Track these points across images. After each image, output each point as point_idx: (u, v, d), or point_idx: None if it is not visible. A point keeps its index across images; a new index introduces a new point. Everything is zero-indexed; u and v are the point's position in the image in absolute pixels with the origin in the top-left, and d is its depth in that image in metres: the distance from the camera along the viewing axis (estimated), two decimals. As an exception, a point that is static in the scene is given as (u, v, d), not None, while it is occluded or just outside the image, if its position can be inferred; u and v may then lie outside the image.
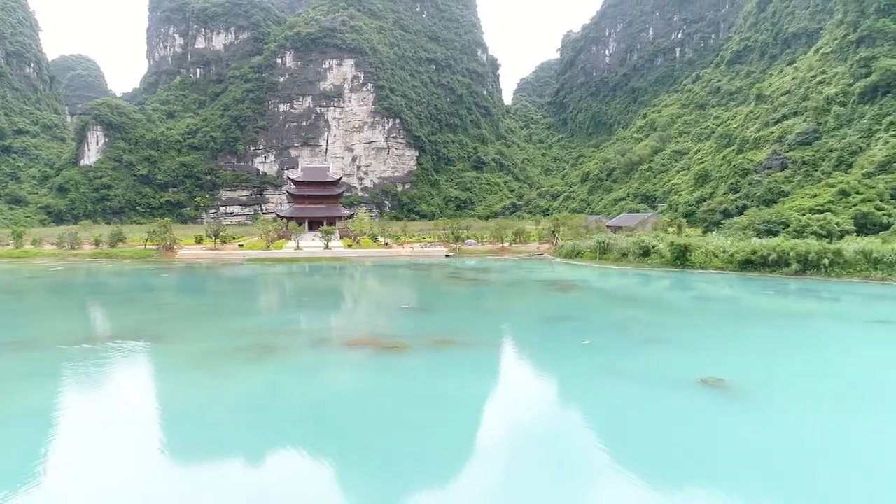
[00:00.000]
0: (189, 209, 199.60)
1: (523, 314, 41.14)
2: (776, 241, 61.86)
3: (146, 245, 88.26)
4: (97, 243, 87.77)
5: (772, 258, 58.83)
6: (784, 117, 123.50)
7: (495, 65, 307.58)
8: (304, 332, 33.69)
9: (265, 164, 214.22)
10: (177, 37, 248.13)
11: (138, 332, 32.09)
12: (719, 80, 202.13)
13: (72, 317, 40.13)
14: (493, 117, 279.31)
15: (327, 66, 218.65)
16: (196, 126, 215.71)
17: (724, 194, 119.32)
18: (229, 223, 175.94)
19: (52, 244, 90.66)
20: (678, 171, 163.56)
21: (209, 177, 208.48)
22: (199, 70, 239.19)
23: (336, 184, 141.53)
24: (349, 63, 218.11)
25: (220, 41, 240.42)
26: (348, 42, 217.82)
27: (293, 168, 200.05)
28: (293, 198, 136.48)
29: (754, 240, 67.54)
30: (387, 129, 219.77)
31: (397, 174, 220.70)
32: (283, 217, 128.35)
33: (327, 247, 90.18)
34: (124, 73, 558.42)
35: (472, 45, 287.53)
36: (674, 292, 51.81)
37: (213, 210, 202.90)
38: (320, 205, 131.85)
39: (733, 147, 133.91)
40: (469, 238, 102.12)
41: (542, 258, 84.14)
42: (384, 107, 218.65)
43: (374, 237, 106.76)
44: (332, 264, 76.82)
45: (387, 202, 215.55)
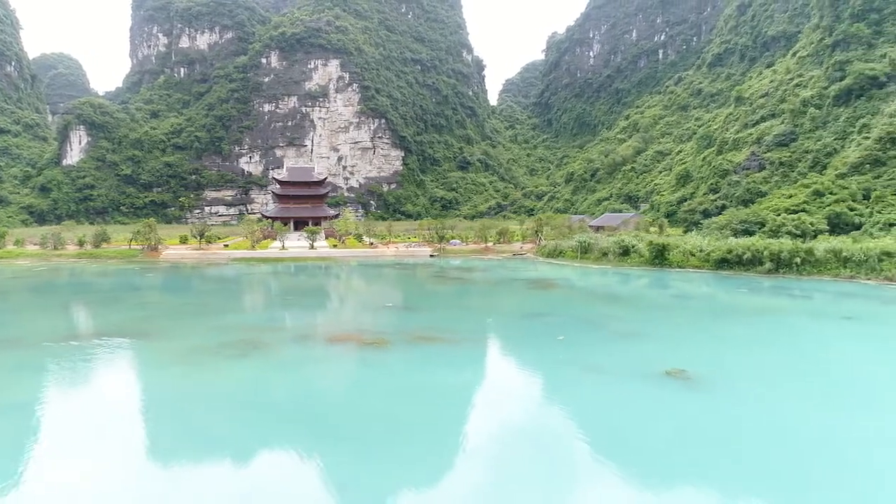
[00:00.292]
0: (173, 209, 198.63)
1: (502, 311, 42.24)
2: (751, 241, 63.51)
3: (130, 245, 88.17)
4: (81, 244, 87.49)
5: (746, 257, 60.49)
6: (762, 119, 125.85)
7: (480, 65, 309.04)
8: (288, 329, 34.54)
9: (250, 165, 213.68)
10: (160, 36, 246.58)
11: (124, 329, 32.75)
12: (700, 82, 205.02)
13: (57, 316, 40.59)
14: (479, 118, 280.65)
15: (312, 66, 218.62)
16: (180, 126, 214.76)
17: (705, 194, 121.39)
18: (214, 223, 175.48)
19: (35, 244, 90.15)
20: (660, 172, 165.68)
21: (194, 177, 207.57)
22: (183, 69, 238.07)
23: (321, 184, 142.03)
24: (334, 63, 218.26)
25: (204, 41, 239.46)
26: (333, 42, 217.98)
27: (278, 168, 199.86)
28: (278, 198, 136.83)
29: (731, 239, 69.12)
30: (372, 129, 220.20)
31: (383, 174, 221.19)
32: (268, 217, 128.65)
33: (312, 247, 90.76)
34: (106, 72, 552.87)
35: (458, 45, 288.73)
36: (650, 290, 53.20)
37: (198, 210, 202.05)
38: (305, 205, 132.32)
39: (713, 148, 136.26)
40: (453, 238, 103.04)
41: (525, 258, 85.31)
42: (370, 107, 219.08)
43: (359, 237, 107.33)
44: (317, 264, 77.41)
45: (372, 202, 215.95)
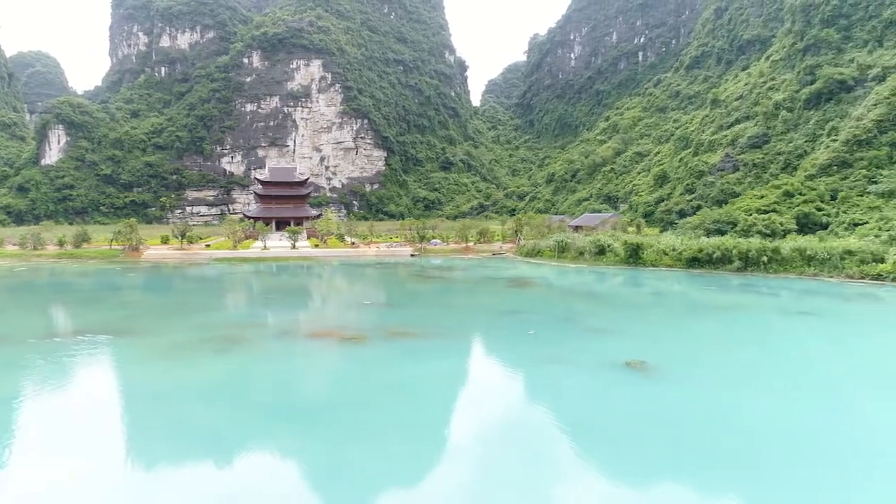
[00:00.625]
0: (154, 209, 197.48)
1: (478, 308, 43.61)
2: (721, 240, 65.62)
3: (111, 245, 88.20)
4: (61, 244, 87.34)
5: (716, 256, 62.61)
6: (737, 121, 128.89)
7: (463, 66, 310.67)
8: (269, 326, 35.58)
9: (232, 164, 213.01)
10: (141, 35, 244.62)
11: (107, 327, 33.57)
12: (679, 85, 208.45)
13: (40, 314, 41.18)
14: (461, 118, 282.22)
15: (294, 66, 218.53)
16: (161, 125, 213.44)
17: (681, 195, 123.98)
18: (196, 223, 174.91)
19: (14, 245, 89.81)
20: (639, 173, 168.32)
21: (175, 177, 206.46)
22: (163, 69, 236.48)
23: (303, 184, 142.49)
24: (317, 63, 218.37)
25: (185, 40, 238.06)
26: (315, 42, 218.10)
27: (261, 168, 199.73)
28: (260, 198, 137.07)
29: (703, 239, 71.33)
30: (355, 129, 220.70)
31: (366, 174, 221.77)
32: (250, 217, 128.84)
33: (294, 247, 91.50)
34: (85, 70, 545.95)
35: (440, 46, 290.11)
36: (622, 288, 54.90)
37: (179, 210, 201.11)
38: (287, 205, 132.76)
39: (690, 150, 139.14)
40: (434, 238, 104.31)
41: (504, 257, 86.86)
42: (352, 107, 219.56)
43: (341, 237, 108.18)
44: (298, 264, 78.23)
45: (355, 202, 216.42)
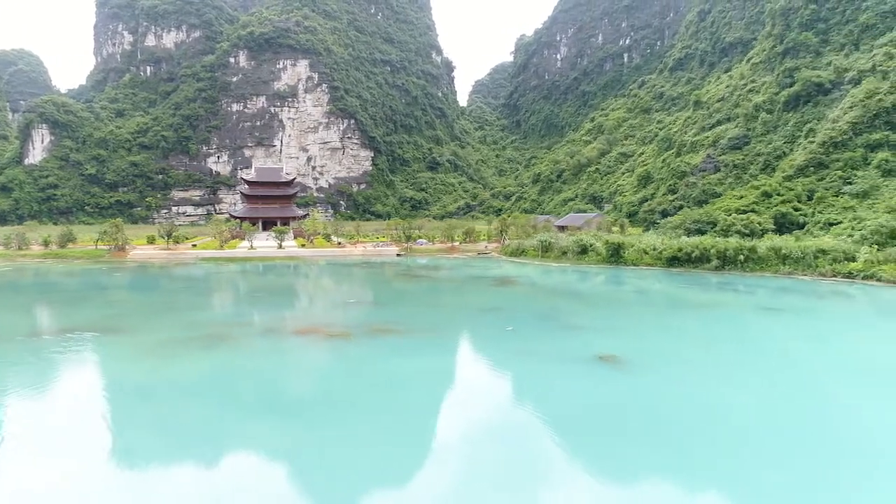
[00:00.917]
0: (140, 209, 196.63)
1: (460, 306, 44.62)
2: (699, 240, 67.17)
3: (97, 245, 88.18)
4: (46, 244, 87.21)
5: (695, 255, 64.16)
6: (718, 123, 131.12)
7: (450, 67, 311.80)
8: (255, 324, 36.37)
9: (218, 164, 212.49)
10: (126, 34, 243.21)
11: (94, 325, 34.19)
12: (662, 86, 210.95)
13: (28, 313, 41.62)
14: (448, 119, 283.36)
15: (281, 66, 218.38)
16: (146, 125, 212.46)
17: (664, 195, 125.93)
18: (182, 223, 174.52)
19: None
20: (623, 173, 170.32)
21: (160, 176, 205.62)
22: (149, 68, 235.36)
23: (290, 184, 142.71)
24: (303, 63, 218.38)
25: (170, 39, 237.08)
26: (302, 42, 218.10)
27: (247, 168, 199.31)
28: (247, 198, 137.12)
29: (683, 238, 72.89)
30: (342, 129, 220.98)
31: (352, 174, 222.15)
32: (236, 217, 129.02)
33: (281, 246, 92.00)
34: (69, 69, 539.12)
35: (427, 47, 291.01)
36: (602, 286, 56.17)
37: (165, 210, 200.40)
38: (274, 205, 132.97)
39: (673, 150, 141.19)
40: (420, 238, 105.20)
41: (489, 256, 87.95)
42: (339, 107, 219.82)
43: (327, 237, 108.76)
44: (285, 263, 78.77)
45: (342, 202, 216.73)
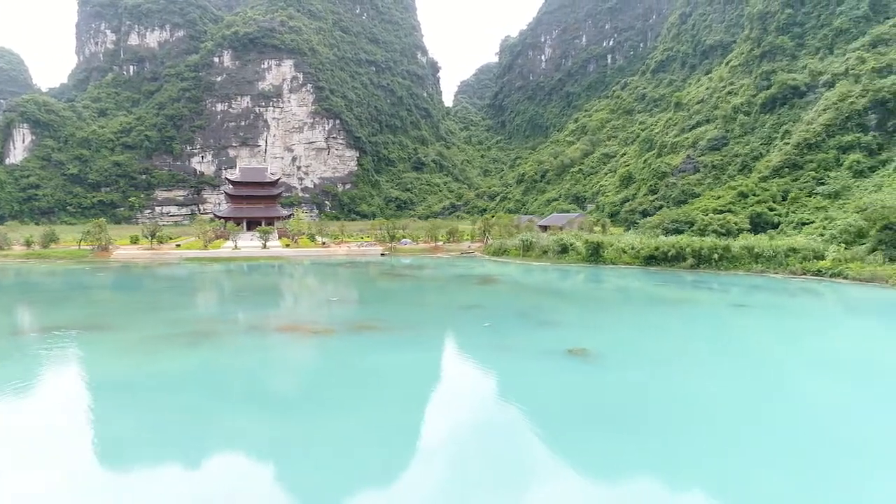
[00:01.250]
0: (123, 209, 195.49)
1: (441, 304, 45.69)
2: (676, 239, 68.84)
3: (80, 245, 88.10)
4: (28, 244, 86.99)
5: (671, 254, 65.83)
6: (698, 124, 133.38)
7: (435, 67, 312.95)
8: (239, 322, 37.19)
9: (202, 164, 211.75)
10: (108, 33, 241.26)
11: (78, 323, 34.85)
12: (644, 88, 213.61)
13: (11, 312, 42.02)
14: (434, 119, 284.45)
15: (266, 66, 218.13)
16: (130, 125, 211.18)
17: (645, 195, 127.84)
18: (166, 223, 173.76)
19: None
20: (606, 174, 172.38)
21: (144, 176, 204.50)
22: (132, 67, 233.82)
23: (274, 184, 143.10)
24: (288, 63, 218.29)
25: (154, 38, 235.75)
26: (287, 42, 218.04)
27: (231, 168, 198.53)
28: (231, 198, 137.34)
29: (660, 237, 74.57)
30: (327, 129, 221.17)
31: (338, 174, 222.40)
32: (220, 217, 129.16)
33: (265, 246, 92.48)
34: (50, 68, 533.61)
35: (412, 47, 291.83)
36: (580, 284, 57.55)
37: (149, 210, 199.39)
38: (258, 205, 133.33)
39: (654, 151, 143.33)
40: (404, 237, 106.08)
41: (472, 256, 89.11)
42: (324, 107, 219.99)
43: (311, 237, 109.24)
44: (269, 263, 79.33)
45: (327, 202, 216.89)
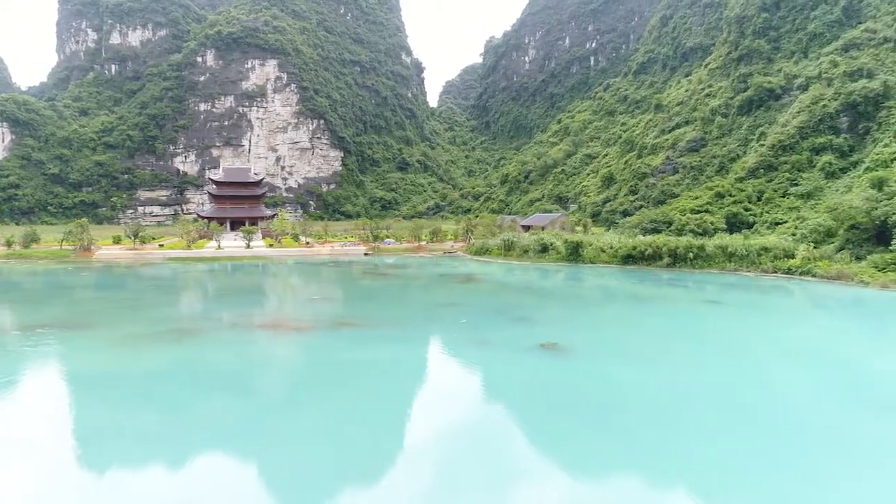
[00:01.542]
0: (105, 209, 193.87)
1: (420, 302, 46.70)
2: (652, 238, 70.41)
3: (62, 246, 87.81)
4: (9, 244, 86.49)
5: (648, 253, 67.35)
6: (677, 126, 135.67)
7: (420, 68, 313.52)
8: (222, 319, 37.90)
9: (186, 164, 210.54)
10: (90, 31, 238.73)
11: (63, 321, 35.38)
12: (626, 89, 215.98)
13: (-5, 312, 42.40)
14: (418, 119, 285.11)
15: (249, 65, 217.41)
16: (112, 124, 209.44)
17: (625, 196, 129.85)
18: (148, 223, 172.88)
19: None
20: (588, 174, 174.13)
21: (126, 176, 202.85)
22: (114, 66, 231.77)
23: (258, 184, 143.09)
24: (272, 63, 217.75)
25: (136, 37, 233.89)
26: (271, 42, 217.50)
27: (215, 168, 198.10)
28: (214, 198, 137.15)
29: (638, 237, 76.16)
30: (311, 129, 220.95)
31: (322, 175, 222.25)
32: (204, 217, 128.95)
33: (249, 246, 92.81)
34: (29, 66, 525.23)
35: (397, 48, 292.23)
36: (558, 283, 58.83)
37: (131, 210, 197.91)
38: (242, 205, 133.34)
39: (634, 152, 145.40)
40: (388, 237, 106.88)
41: (455, 255, 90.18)
42: (308, 108, 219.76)
43: (295, 237, 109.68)
44: (253, 263, 79.81)
45: (311, 202, 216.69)
